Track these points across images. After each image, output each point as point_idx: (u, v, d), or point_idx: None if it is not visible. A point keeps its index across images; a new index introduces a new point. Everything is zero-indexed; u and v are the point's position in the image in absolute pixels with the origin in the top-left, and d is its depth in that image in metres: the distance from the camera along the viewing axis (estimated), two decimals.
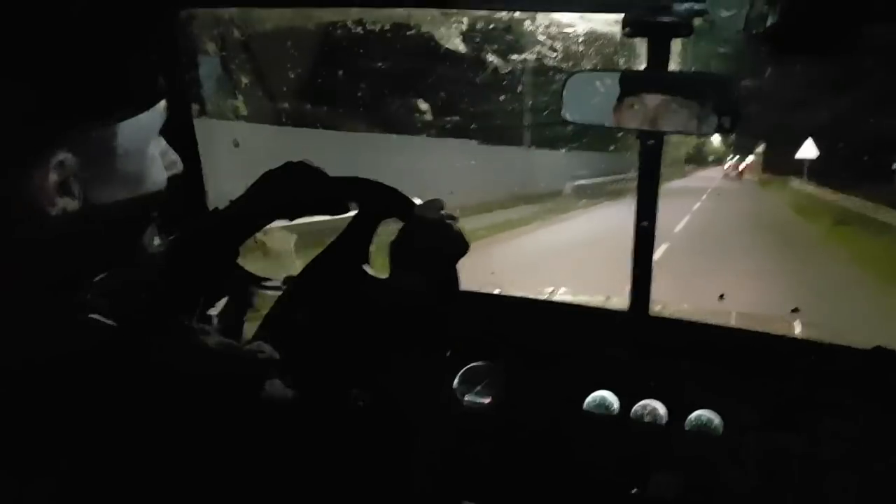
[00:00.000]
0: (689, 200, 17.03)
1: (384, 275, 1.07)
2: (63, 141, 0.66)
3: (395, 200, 1.11)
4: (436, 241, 1.01)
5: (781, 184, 24.10)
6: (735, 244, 10.81)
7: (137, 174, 0.74)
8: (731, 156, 39.24)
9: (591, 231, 11.51)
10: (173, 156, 0.83)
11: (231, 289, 1.61)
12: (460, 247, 1.03)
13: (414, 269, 0.99)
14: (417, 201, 1.08)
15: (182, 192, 1.24)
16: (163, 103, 0.77)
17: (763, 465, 1.34)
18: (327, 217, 1.13)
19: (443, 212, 1.03)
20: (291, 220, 1.13)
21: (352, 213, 1.15)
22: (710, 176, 32.96)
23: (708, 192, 22.13)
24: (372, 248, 1.14)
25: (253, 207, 1.09)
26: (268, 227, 1.16)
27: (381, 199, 1.12)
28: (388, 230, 1.07)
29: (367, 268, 1.13)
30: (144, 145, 0.75)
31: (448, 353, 1.11)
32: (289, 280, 1.21)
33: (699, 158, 41.80)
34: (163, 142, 0.81)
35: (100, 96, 0.69)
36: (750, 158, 37.09)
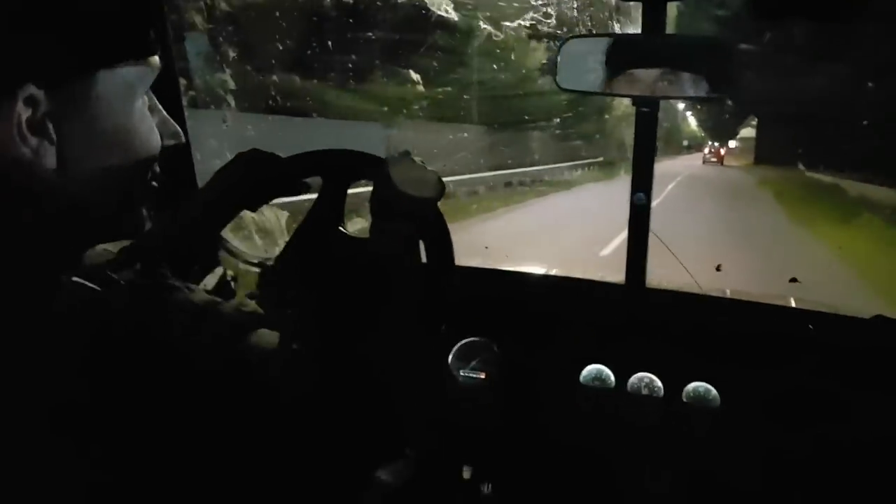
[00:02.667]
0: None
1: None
2: (31, 73, 0.62)
3: (358, 162, 1.14)
4: (411, 186, 1.03)
5: (774, 171, 21.65)
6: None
7: (123, 132, 0.70)
8: (712, 140, 38.38)
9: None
10: (173, 126, 0.80)
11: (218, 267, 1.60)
12: (437, 188, 1.06)
13: (395, 218, 1.02)
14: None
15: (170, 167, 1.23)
16: (154, 59, 0.73)
17: (761, 440, 1.33)
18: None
19: (413, 159, 1.06)
20: (253, 210, 1.16)
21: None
22: (685, 164, 30.71)
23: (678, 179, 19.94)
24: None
25: (210, 206, 1.10)
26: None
27: (341, 166, 1.15)
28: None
29: (344, 230, 1.15)
30: (131, 101, 0.71)
31: (437, 310, 1.12)
32: (280, 256, 1.22)
33: (675, 143, 40.12)
34: (160, 109, 0.78)
35: (79, 32, 0.66)
36: (733, 143, 36.29)
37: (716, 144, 36.63)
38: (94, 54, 0.67)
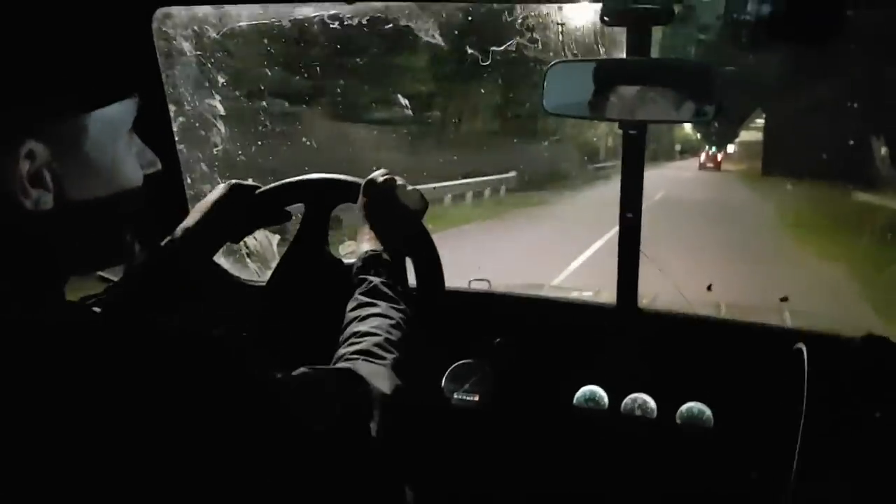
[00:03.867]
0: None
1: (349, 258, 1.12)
2: (31, 130, 0.64)
3: (338, 186, 1.16)
4: (394, 204, 1.06)
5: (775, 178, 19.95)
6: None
7: (110, 170, 0.72)
8: (708, 146, 37.50)
9: None
10: (150, 155, 0.82)
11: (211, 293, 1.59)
12: (420, 204, 1.08)
13: (383, 235, 1.03)
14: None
15: (161, 192, 1.24)
16: (133, 98, 0.75)
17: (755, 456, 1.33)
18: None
19: (394, 178, 1.08)
20: (237, 242, 1.19)
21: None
22: (681, 167, 30.55)
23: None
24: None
25: (195, 239, 1.14)
26: None
27: (322, 191, 1.17)
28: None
29: (330, 253, 1.18)
30: (115, 140, 0.73)
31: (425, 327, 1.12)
32: (270, 280, 1.23)
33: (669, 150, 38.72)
34: (137, 140, 0.79)
35: (68, 86, 0.68)
36: (731, 147, 35.71)
37: (713, 150, 36.05)
38: (87, 100, 0.69)
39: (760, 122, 28.34)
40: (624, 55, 1.34)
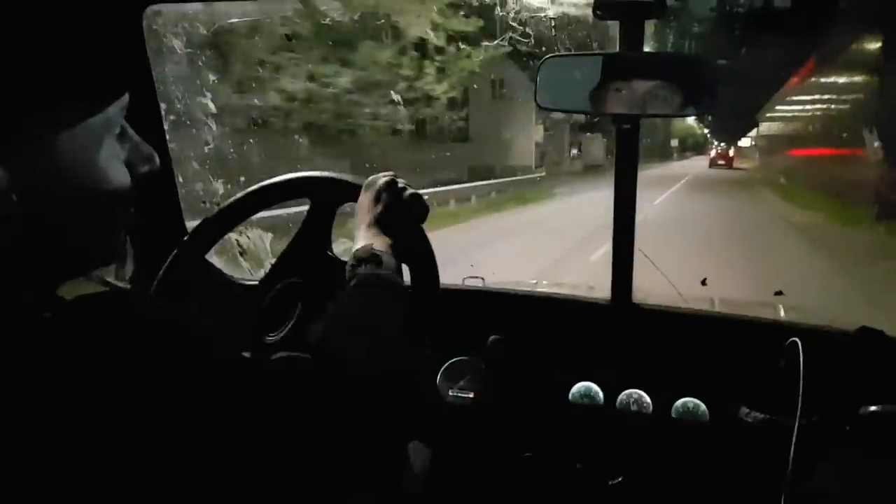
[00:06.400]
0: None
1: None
2: (20, 128, 0.64)
3: (345, 185, 1.14)
4: (396, 207, 1.04)
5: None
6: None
7: (100, 168, 0.72)
8: (718, 142, 36.02)
9: None
10: (146, 149, 0.80)
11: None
12: (421, 208, 1.07)
13: (379, 236, 1.02)
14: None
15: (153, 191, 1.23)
16: (123, 95, 0.74)
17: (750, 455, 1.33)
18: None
19: (396, 180, 1.07)
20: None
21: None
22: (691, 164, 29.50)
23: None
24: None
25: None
26: (242, 226, 1.18)
27: (329, 189, 1.16)
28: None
29: (331, 254, 1.16)
30: (104, 137, 0.72)
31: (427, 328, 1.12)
32: (265, 279, 1.22)
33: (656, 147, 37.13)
34: (133, 135, 0.78)
35: (58, 83, 0.68)
36: (746, 141, 33.88)
37: (722, 145, 34.74)
38: (77, 98, 0.69)
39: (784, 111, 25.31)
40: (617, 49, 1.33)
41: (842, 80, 15.19)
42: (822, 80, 16.92)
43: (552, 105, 1.39)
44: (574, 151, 30.74)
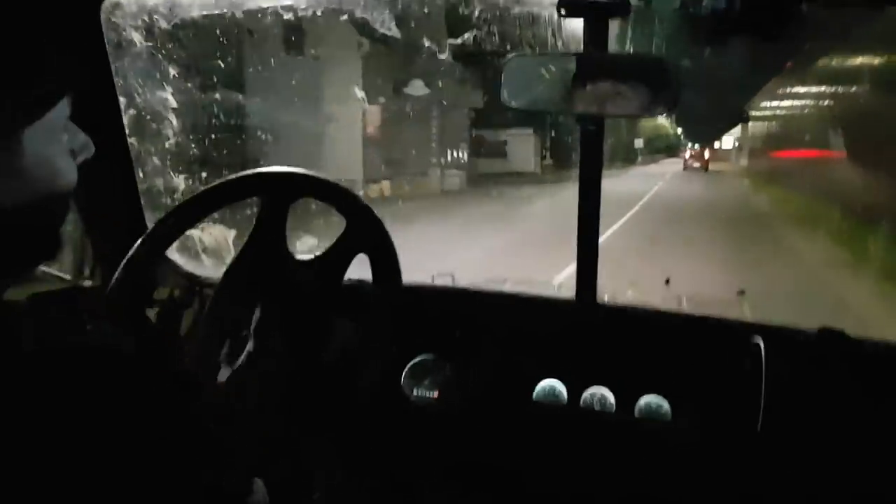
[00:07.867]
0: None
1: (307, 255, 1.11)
2: None
3: (295, 180, 1.14)
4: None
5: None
6: None
7: (41, 163, 0.70)
8: (692, 143, 35.51)
9: None
10: (83, 138, 0.78)
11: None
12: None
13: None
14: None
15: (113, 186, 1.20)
16: (66, 88, 0.73)
17: (715, 450, 1.35)
18: None
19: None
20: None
21: None
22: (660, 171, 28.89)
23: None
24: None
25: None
26: (204, 223, 1.16)
27: (279, 185, 1.14)
28: None
29: (287, 250, 1.14)
30: (48, 130, 0.71)
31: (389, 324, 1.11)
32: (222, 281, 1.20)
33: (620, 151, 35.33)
34: (71, 126, 0.76)
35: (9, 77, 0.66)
36: (728, 141, 33.43)
37: (696, 147, 34.41)
38: (28, 93, 0.67)
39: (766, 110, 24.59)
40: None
41: (813, 86, 15.47)
42: (796, 86, 17.26)
43: (517, 103, 1.39)
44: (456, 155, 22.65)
